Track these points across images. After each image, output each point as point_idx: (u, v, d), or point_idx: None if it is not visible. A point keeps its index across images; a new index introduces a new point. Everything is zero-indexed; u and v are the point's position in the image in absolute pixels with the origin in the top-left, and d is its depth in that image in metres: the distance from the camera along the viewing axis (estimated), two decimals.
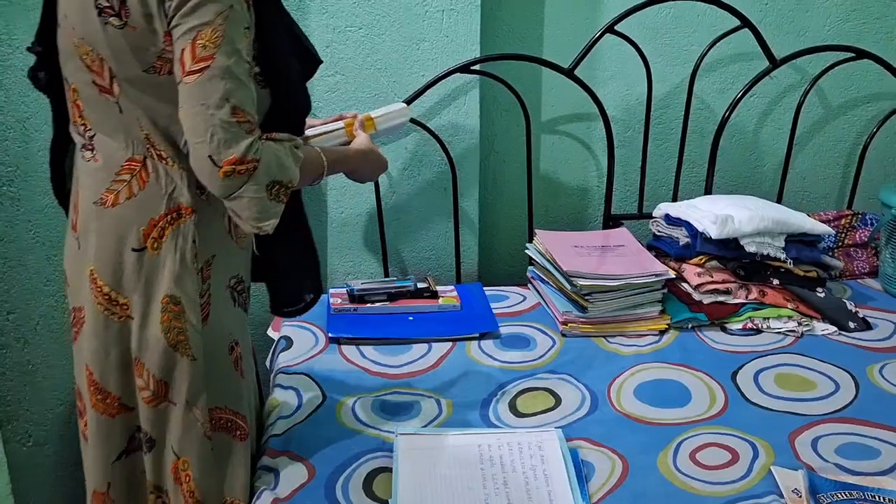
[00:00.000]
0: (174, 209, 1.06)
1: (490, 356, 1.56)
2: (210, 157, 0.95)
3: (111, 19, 0.97)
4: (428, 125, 1.78)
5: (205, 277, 1.09)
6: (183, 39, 0.94)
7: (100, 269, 1.07)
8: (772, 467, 1.21)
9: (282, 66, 1.06)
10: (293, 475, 1.21)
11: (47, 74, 1.10)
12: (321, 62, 1.16)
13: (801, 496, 1.14)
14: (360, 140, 1.35)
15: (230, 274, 1.14)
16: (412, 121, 1.76)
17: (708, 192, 1.99)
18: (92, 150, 1.06)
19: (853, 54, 1.92)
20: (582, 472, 1.21)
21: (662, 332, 1.63)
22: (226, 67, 0.94)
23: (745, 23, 1.83)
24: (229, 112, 0.95)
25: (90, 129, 1.06)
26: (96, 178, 1.06)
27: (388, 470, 1.22)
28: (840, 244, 1.93)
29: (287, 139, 1.06)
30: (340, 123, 1.43)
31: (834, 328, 1.64)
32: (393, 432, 1.29)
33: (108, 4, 0.97)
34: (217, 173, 0.96)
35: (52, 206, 1.38)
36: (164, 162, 1.05)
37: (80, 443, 1.19)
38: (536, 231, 1.84)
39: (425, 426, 1.34)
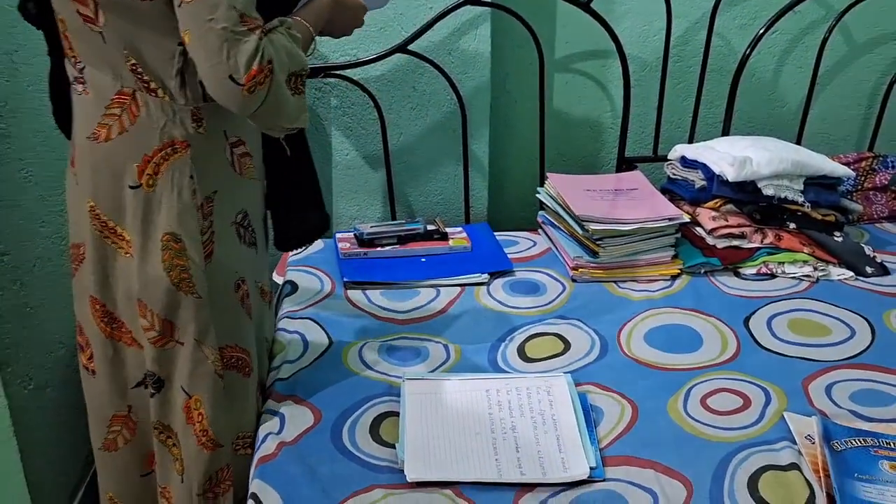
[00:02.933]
0: (168, 144, 1.03)
1: (499, 301, 1.54)
2: (231, 76, 0.89)
3: None
4: (436, 61, 1.71)
5: (205, 214, 1.08)
6: None
7: (100, 203, 1.06)
8: (784, 413, 1.20)
9: None
10: (299, 419, 1.20)
11: (36, 6, 1.06)
12: None
13: (814, 442, 1.12)
14: None
15: (236, 209, 1.12)
16: (419, 56, 1.69)
17: (726, 133, 1.93)
18: (83, 83, 1.04)
19: None
20: (591, 416, 1.19)
21: (674, 278, 1.60)
22: None
23: None
24: (238, 20, 0.89)
25: (80, 62, 1.03)
26: (88, 113, 1.04)
27: (395, 414, 1.21)
28: (859, 187, 1.88)
29: (279, 25, 1.00)
30: None
31: (850, 273, 1.61)
32: (400, 377, 1.28)
33: None
34: (241, 92, 0.90)
35: (44, 145, 1.35)
36: (153, 94, 1.01)
37: (82, 381, 1.18)
38: (548, 174, 1.79)
39: (433, 371, 1.32)
